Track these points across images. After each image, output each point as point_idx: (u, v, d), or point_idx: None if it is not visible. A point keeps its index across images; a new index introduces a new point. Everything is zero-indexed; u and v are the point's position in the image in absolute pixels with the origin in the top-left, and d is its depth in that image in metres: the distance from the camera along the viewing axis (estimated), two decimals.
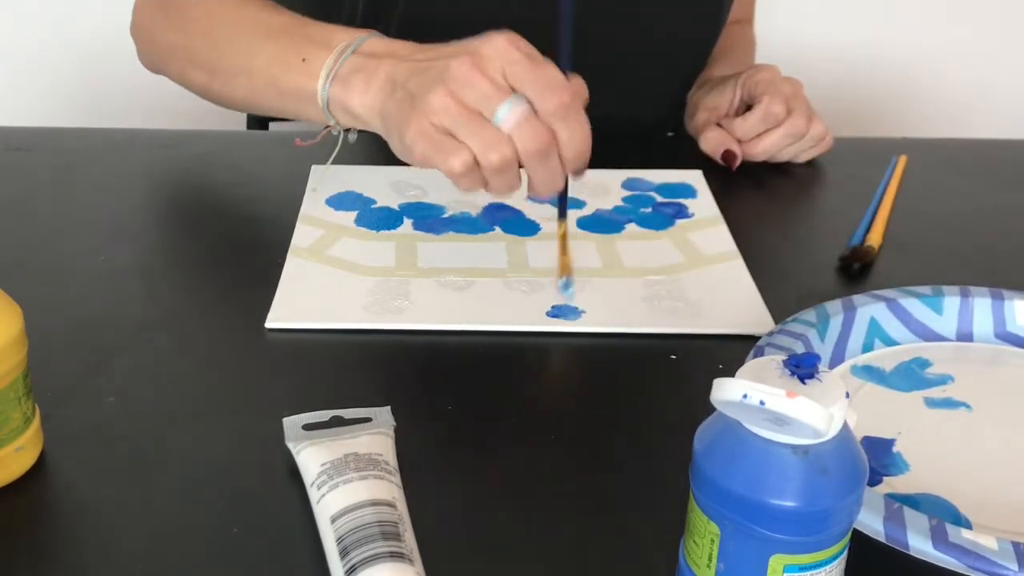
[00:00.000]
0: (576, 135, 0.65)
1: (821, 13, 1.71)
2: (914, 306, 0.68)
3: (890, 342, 0.67)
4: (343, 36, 0.74)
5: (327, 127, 0.76)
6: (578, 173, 0.67)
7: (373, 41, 0.73)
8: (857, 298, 0.67)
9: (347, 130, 0.76)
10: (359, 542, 0.48)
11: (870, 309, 0.67)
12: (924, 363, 0.66)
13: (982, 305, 0.68)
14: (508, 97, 0.63)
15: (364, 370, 0.66)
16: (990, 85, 1.77)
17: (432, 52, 0.69)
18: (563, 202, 0.71)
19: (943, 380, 0.64)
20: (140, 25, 0.91)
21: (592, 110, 1.00)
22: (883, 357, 0.66)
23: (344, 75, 0.72)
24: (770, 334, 0.64)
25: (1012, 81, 1.78)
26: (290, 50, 0.76)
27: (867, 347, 0.67)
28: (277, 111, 0.80)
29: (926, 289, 0.69)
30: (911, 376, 0.65)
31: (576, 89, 0.66)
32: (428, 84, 0.65)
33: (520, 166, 0.66)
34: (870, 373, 0.65)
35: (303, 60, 0.74)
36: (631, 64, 0.99)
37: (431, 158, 0.65)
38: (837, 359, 0.65)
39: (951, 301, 0.68)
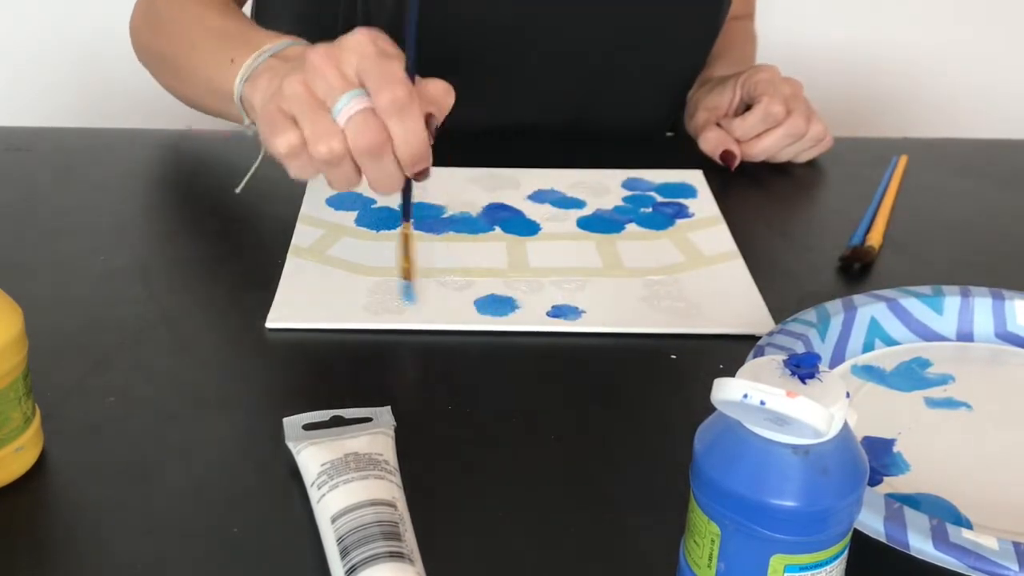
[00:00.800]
0: (410, 134, 0.63)
1: (821, 13, 1.71)
2: (914, 306, 0.68)
3: (890, 342, 0.67)
4: (272, 40, 0.76)
5: (247, 124, 0.78)
6: (419, 175, 0.66)
7: (296, 47, 0.75)
8: (857, 298, 0.67)
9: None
10: (359, 542, 0.48)
11: (870, 309, 0.67)
12: (924, 363, 0.66)
13: (982, 305, 0.68)
14: (350, 90, 0.63)
15: (364, 370, 0.66)
16: (990, 85, 1.77)
17: (314, 46, 0.69)
18: (406, 202, 0.71)
19: (943, 380, 0.64)
20: (132, 34, 0.95)
21: (592, 110, 1.01)
22: (883, 357, 0.66)
23: (256, 75, 0.74)
24: (770, 334, 0.64)
25: (1012, 81, 1.78)
26: (224, 52, 0.78)
27: (867, 347, 0.67)
28: (217, 112, 0.83)
29: (926, 289, 0.69)
30: (911, 376, 0.64)
31: (429, 89, 0.65)
32: (288, 72, 0.66)
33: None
34: (870, 373, 0.65)
35: (231, 61, 0.76)
36: (630, 64, 0.99)
37: (264, 137, 0.66)
38: (837, 359, 0.65)
39: (951, 301, 0.68)
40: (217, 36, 0.81)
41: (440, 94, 0.66)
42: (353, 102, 0.63)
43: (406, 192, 0.70)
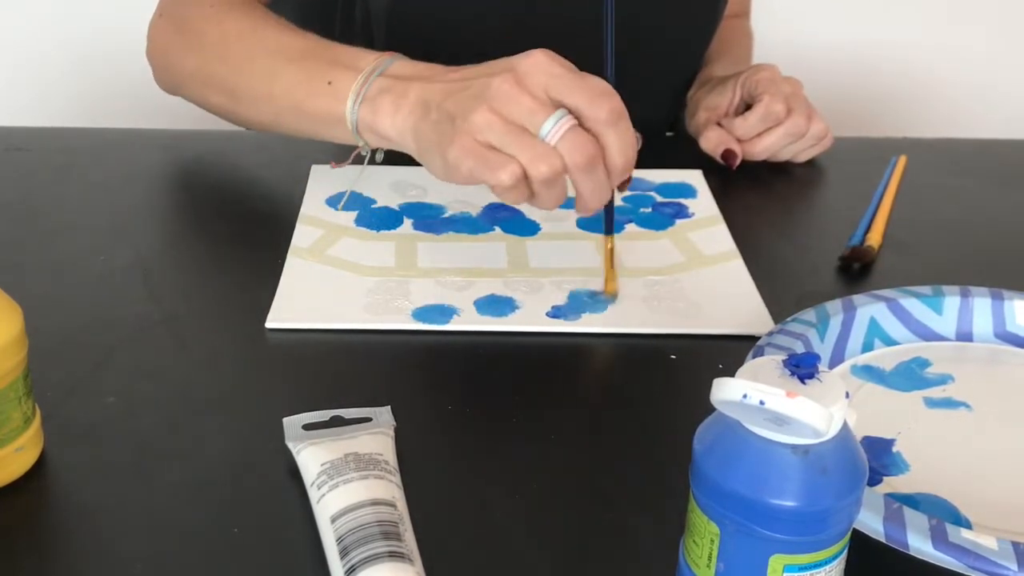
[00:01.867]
0: (625, 142, 0.65)
1: (821, 13, 1.71)
2: (914, 306, 0.68)
3: (890, 342, 0.67)
4: (369, 58, 0.74)
5: (357, 149, 0.76)
6: (624, 185, 0.68)
7: (400, 63, 0.74)
8: (857, 298, 0.67)
9: (375, 150, 0.76)
10: (359, 542, 0.48)
11: (870, 309, 0.67)
12: (924, 363, 0.66)
13: (982, 305, 0.68)
14: (553, 111, 0.64)
15: (364, 370, 0.66)
16: (990, 85, 1.77)
17: (464, 72, 0.69)
18: (609, 216, 0.72)
19: (943, 380, 0.64)
20: (156, 48, 0.90)
21: None
22: (883, 357, 0.66)
23: (372, 97, 0.72)
24: (770, 334, 0.64)
25: (1012, 81, 1.78)
26: (314, 73, 0.76)
27: (867, 347, 0.67)
28: (304, 134, 0.80)
29: (926, 289, 0.69)
30: (911, 376, 0.65)
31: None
32: (468, 103, 0.65)
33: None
34: (870, 373, 0.65)
35: (328, 83, 0.75)
36: (628, 64, 0.99)
37: (479, 173, 0.65)
38: (837, 359, 0.65)
39: (951, 301, 0.68)
40: (294, 57, 0.78)
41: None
42: (562, 121, 0.64)
43: (609, 206, 0.71)
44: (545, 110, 0.64)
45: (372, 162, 0.77)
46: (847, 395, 0.44)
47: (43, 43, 1.67)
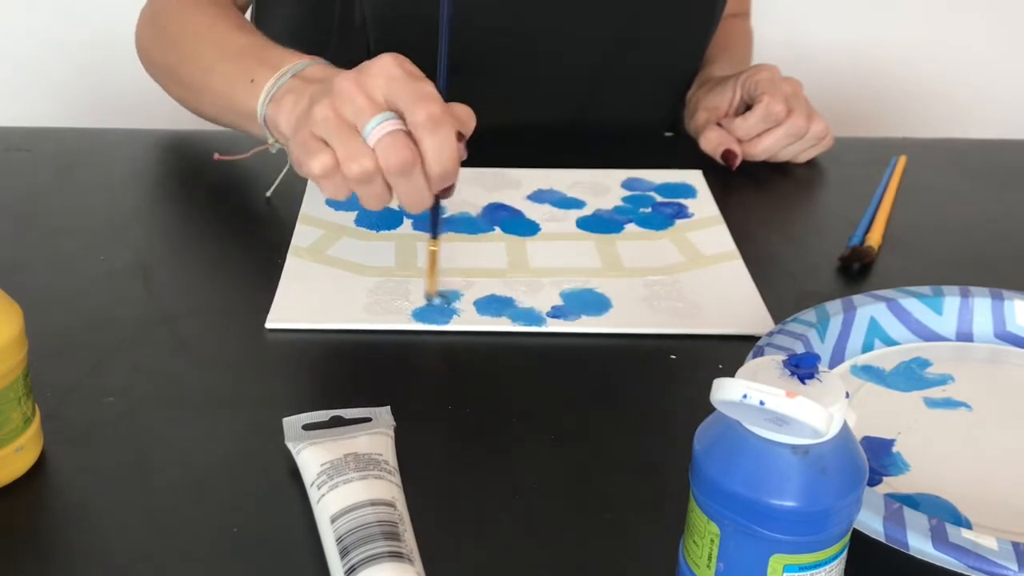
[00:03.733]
0: (444, 150, 0.65)
1: (821, 13, 1.71)
2: (914, 306, 0.68)
3: (890, 342, 0.67)
4: (292, 60, 0.77)
5: (265, 144, 0.80)
6: (444, 192, 0.68)
7: (318, 67, 0.76)
8: (857, 298, 0.67)
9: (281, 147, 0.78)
10: (359, 542, 0.48)
11: (870, 309, 0.67)
12: (924, 363, 0.66)
13: (982, 305, 0.68)
14: (379, 112, 0.65)
15: (364, 370, 0.66)
16: (990, 85, 1.77)
17: (337, 73, 0.70)
18: (434, 220, 0.72)
19: (943, 380, 0.64)
20: (137, 43, 0.95)
21: (592, 110, 1.01)
22: (883, 357, 0.66)
23: (279, 96, 0.75)
24: (770, 334, 0.64)
25: (1012, 81, 1.78)
26: (242, 71, 0.79)
27: (867, 347, 0.67)
28: (235, 127, 0.84)
29: (926, 289, 0.69)
30: (911, 376, 0.65)
31: (456, 111, 0.67)
32: (318, 97, 0.68)
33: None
34: (870, 373, 0.65)
35: (251, 81, 0.78)
36: (630, 64, 0.99)
37: (298, 160, 0.67)
38: (837, 359, 0.65)
39: (951, 301, 0.68)
40: (232, 54, 0.82)
41: (465, 116, 0.68)
42: (383, 124, 0.64)
43: (434, 210, 0.71)
44: (373, 111, 0.65)
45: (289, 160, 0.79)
46: (847, 395, 0.44)
47: (43, 43, 1.67)
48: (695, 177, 0.91)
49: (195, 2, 0.89)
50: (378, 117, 0.65)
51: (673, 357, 0.67)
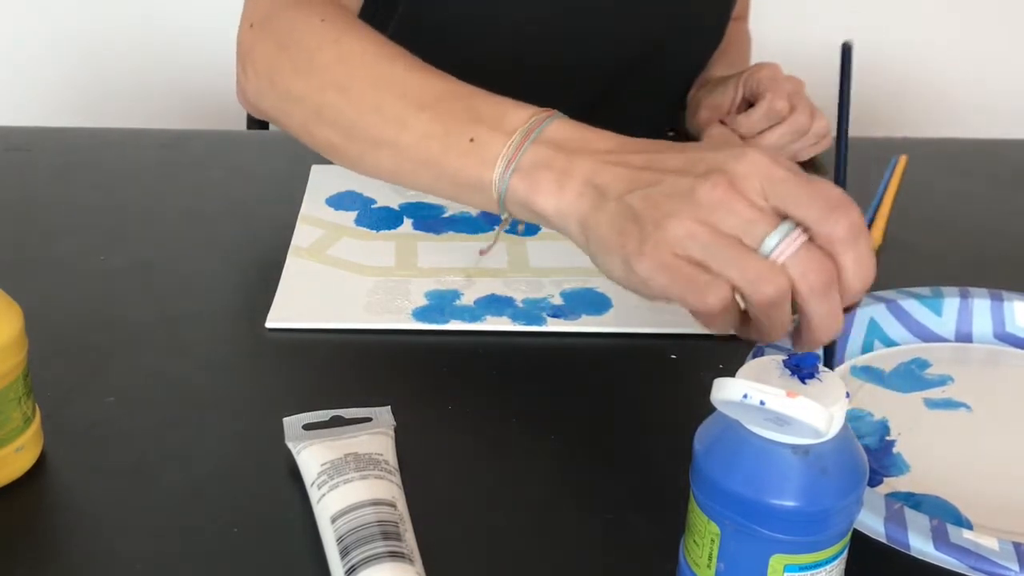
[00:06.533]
0: (864, 262, 0.53)
1: (821, 13, 1.71)
2: (913, 307, 0.68)
3: (889, 343, 0.67)
4: (518, 115, 0.63)
5: (500, 225, 0.66)
6: (852, 308, 0.55)
7: (557, 125, 0.62)
8: None
9: (518, 221, 0.65)
10: (359, 542, 0.48)
11: (870, 310, 0.67)
12: (924, 364, 0.66)
13: (981, 306, 0.68)
14: (778, 221, 0.53)
15: (364, 370, 0.66)
16: (990, 85, 1.77)
17: (650, 159, 0.58)
18: (832, 349, 0.57)
19: (943, 381, 0.64)
20: (255, 62, 0.75)
21: (593, 111, 1.01)
22: (883, 358, 0.66)
23: (528, 168, 0.60)
24: None
25: (1012, 81, 1.78)
26: (452, 127, 0.64)
27: (867, 348, 0.67)
28: (430, 190, 0.67)
29: (925, 290, 0.69)
30: (910, 377, 0.65)
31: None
32: (664, 205, 0.54)
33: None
34: (869, 374, 0.65)
35: (470, 140, 0.63)
36: (636, 67, 0.99)
37: (676, 293, 0.54)
38: (837, 360, 0.65)
39: (950, 302, 0.68)
40: (424, 100, 0.66)
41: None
42: (793, 234, 0.53)
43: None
44: (768, 220, 0.53)
45: (512, 232, 0.67)
46: (847, 395, 0.44)
47: (43, 43, 1.67)
48: None
49: (344, 23, 0.72)
50: (782, 228, 0.53)
51: (673, 357, 0.67)
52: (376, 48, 0.70)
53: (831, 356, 0.56)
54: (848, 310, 0.55)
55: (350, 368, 0.66)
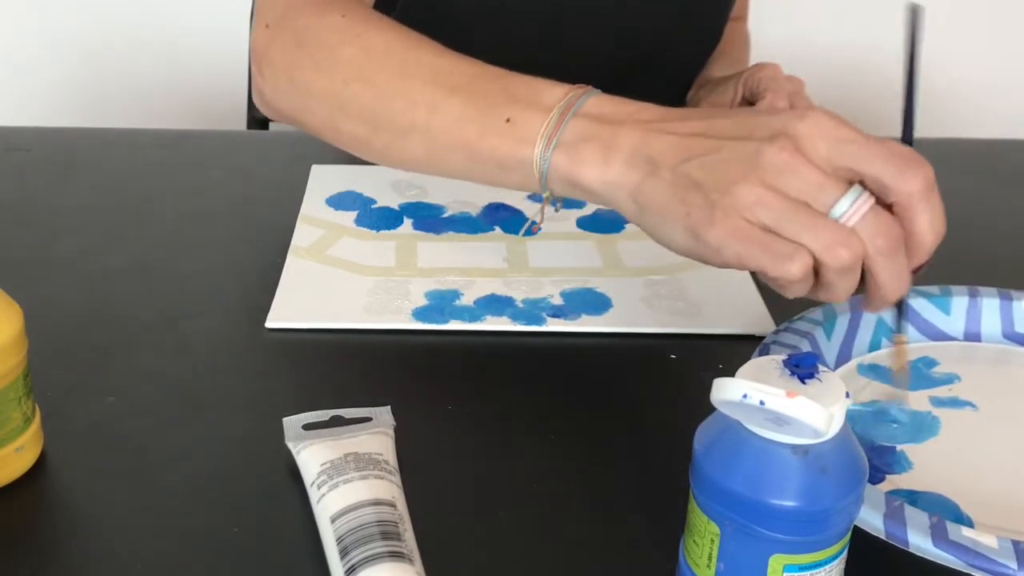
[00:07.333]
0: (937, 220, 0.55)
1: (821, 13, 1.71)
2: (922, 305, 0.68)
3: None
4: (554, 92, 0.62)
5: (543, 203, 0.65)
6: (921, 268, 0.56)
7: (595, 100, 0.61)
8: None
9: (558, 199, 0.64)
10: (359, 542, 0.48)
11: None
12: (931, 362, 0.66)
13: (990, 305, 0.68)
14: (845, 185, 0.53)
15: (364, 370, 0.66)
16: (990, 84, 1.77)
17: (702, 125, 0.57)
18: (903, 308, 0.61)
19: (949, 379, 0.64)
20: (272, 62, 0.73)
21: None
22: (890, 356, 0.66)
23: (570, 142, 0.60)
24: (776, 332, 0.64)
25: (1012, 81, 1.78)
26: (486, 108, 0.63)
27: (874, 346, 0.67)
28: (463, 175, 0.67)
29: (934, 289, 0.69)
30: (917, 375, 0.64)
31: None
32: (727, 171, 0.54)
33: None
34: (876, 372, 0.65)
35: (507, 120, 0.62)
36: (635, 66, 0.99)
37: (755, 261, 0.54)
38: (844, 357, 0.65)
39: (959, 301, 0.68)
40: (455, 83, 0.65)
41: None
42: (861, 198, 0.53)
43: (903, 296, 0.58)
44: (836, 184, 0.53)
45: (552, 206, 0.65)
46: (847, 395, 0.44)
47: (43, 43, 1.67)
48: None
49: (366, 17, 0.71)
50: (852, 192, 0.53)
51: (673, 357, 0.67)
52: (401, 39, 0.68)
53: (902, 315, 0.59)
54: (917, 271, 0.55)
55: (350, 368, 0.66)
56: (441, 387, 0.64)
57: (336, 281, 0.74)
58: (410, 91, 0.66)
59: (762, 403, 0.42)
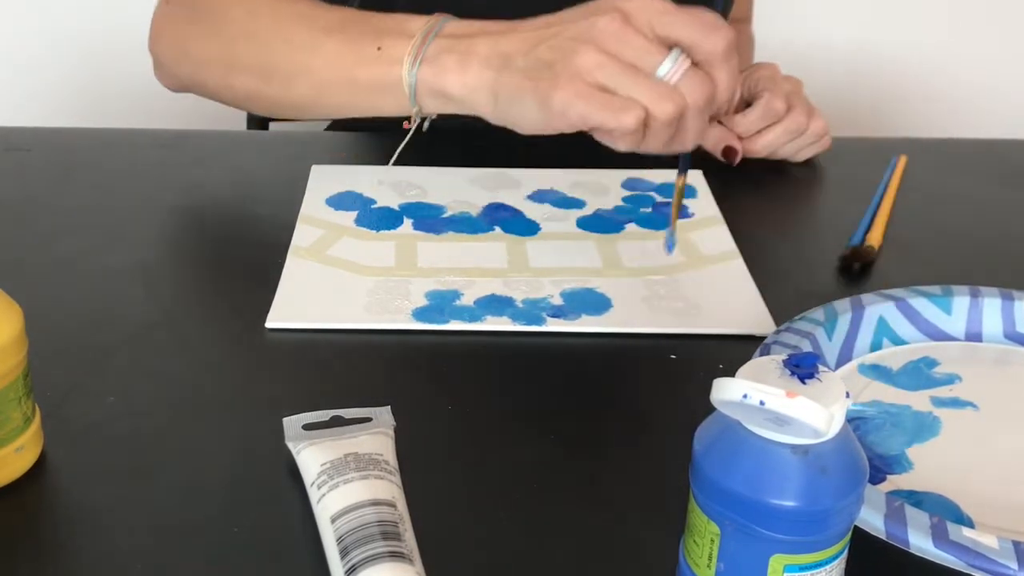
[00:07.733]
0: (734, 76, 0.64)
1: (821, 13, 1.71)
2: (923, 305, 0.68)
3: (898, 341, 0.67)
4: (417, 22, 0.72)
5: (406, 120, 0.74)
6: (731, 156, 0.76)
7: (454, 23, 0.71)
8: (866, 297, 0.67)
9: (422, 120, 0.73)
10: (359, 542, 0.48)
11: (879, 308, 0.67)
12: (932, 362, 0.66)
13: (992, 305, 0.68)
14: (667, 50, 0.63)
15: (364, 370, 0.66)
16: (990, 85, 1.77)
17: (543, 21, 0.68)
18: (687, 156, 0.72)
19: (950, 380, 0.64)
20: (168, 38, 0.84)
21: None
22: (891, 356, 0.66)
23: (433, 56, 0.69)
24: (777, 332, 0.64)
25: (1012, 81, 1.78)
26: (360, 41, 0.73)
27: (875, 346, 0.66)
28: (347, 108, 0.76)
29: (935, 289, 0.69)
30: (918, 375, 0.64)
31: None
32: (569, 45, 0.63)
33: None
34: (877, 372, 0.65)
35: (378, 49, 0.71)
36: None
37: (595, 116, 0.63)
38: (845, 357, 0.65)
39: (960, 301, 0.68)
40: (333, 28, 0.75)
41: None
42: (681, 59, 0.63)
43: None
44: (659, 49, 0.63)
45: (418, 133, 0.75)
46: (847, 395, 0.44)
47: (43, 43, 1.67)
48: (695, 177, 0.90)
49: None
50: (672, 55, 0.63)
51: (673, 357, 0.67)
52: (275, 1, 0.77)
53: (687, 162, 0.71)
54: (730, 158, 0.74)
55: (350, 368, 0.66)
56: (441, 387, 0.64)
57: (336, 281, 0.74)
58: (291, 37, 0.75)
59: (762, 403, 0.42)
